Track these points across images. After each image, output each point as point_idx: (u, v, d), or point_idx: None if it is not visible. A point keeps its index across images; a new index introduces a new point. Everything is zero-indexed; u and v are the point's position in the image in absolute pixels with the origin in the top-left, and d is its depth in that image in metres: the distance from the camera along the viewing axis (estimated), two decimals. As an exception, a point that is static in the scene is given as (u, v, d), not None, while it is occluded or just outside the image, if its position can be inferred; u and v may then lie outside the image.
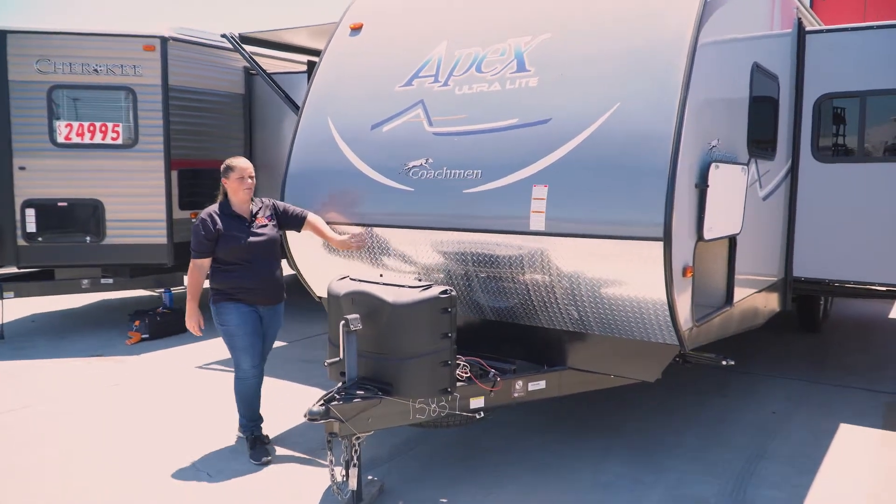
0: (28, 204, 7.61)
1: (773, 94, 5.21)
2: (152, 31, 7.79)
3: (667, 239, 3.57)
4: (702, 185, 3.85)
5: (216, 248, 4.36)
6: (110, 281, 8.17)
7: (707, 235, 3.91)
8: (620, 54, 3.95)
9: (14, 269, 8.07)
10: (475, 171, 4.22)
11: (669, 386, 5.67)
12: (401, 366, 3.71)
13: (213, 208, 4.44)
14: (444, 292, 3.74)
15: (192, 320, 4.43)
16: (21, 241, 7.64)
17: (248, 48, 7.75)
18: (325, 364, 3.85)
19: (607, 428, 4.99)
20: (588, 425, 5.04)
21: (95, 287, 8.14)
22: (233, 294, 4.40)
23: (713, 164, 3.89)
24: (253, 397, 4.56)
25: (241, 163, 4.46)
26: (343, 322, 3.68)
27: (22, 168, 7.61)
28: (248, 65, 8.31)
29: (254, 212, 4.51)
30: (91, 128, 7.73)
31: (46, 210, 7.67)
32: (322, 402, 3.60)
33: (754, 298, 5.17)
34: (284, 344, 7.41)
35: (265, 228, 4.49)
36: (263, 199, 4.64)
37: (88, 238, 7.77)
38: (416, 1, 5.17)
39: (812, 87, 5.81)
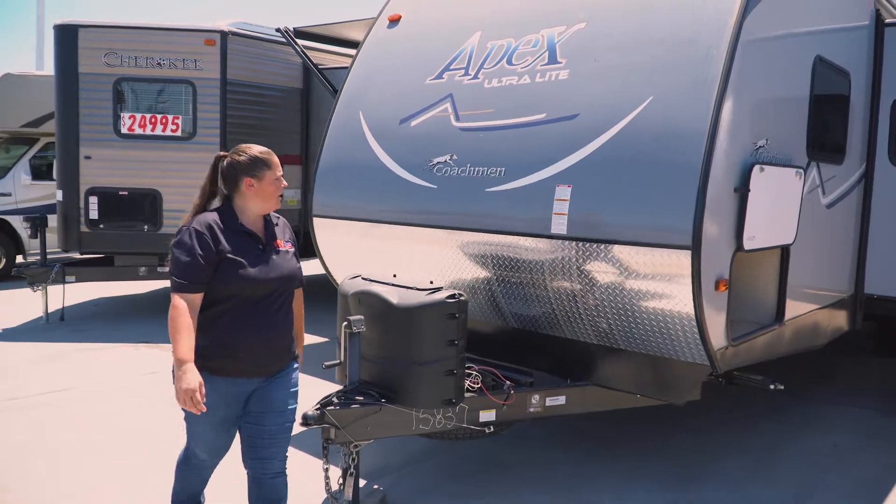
0: (91, 192, 7.86)
1: (843, 92, 4.72)
2: (213, 26, 7.91)
3: (695, 247, 3.23)
4: (742, 189, 3.47)
5: (214, 278, 2.80)
6: (166, 269, 8.32)
7: (748, 245, 3.53)
8: (656, 45, 3.62)
9: (77, 255, 8.38)
10: (498, 169, 3.98)
11: (717, 406, 5.25)
12: (403, 372, 3.51)
13: (213, 217, 2.86)
14: (452, 296, 3.51)
15: (188, 390, 2.64)
16: (84, 228, 7.90)
17: (304, 43, 7.74)
18: (324, 366, 3.69)
19: (640, 450, 4.63)
20: (620, 445, 4.70)
21: (152, 275, 8.34)
22: (210, 358, 2.80)
23: (756, 167, 3.50)
24: (198, 484, 3.22)
25: (274, 157, 2.96)
26: (345, 323, 3.53)
27: (87, 157, 7.88)
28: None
29: (272, 229, 3.01)
30: (153, 119, 7.91)
31: (108, 198, 7.90)
32: (318, 405, 3.44)
33: (814, 316, 4.69)
34: (323, 340, 7.37)
35: (287, 257, 2.99)
36: (280, 217, 3.15)
37: (146, 227, 7.96)
38: (455, -10, 4.97)
39: (891, 85, 5.25)
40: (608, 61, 3.77)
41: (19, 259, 10.70)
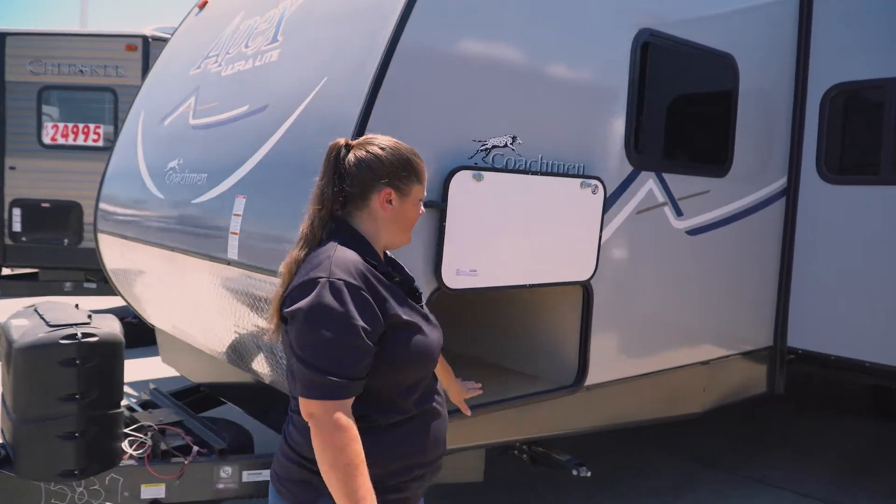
0: (15, 203, 7.61)
1: (719, 85, 3.57)
2: (135, 31, 7.52)
3: (326, 285, 2.29)
4: (438, 205, 2.49)
5: (380, 364, 1.67)
6: (94, 285, 7.97)
7: (453, 283, 2.54)
8: (350, 15, 2.72)
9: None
10: (203, 175, 3.16)
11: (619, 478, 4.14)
12: (14, 431, 2.76)
13: (355, 257, 1.69)
14: (72, 336, 2.72)
15: None
16: (8, 241, 7.65)
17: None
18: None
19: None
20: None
21: (78, 290, 7.96)
22: (401, 483, 1.74)
23: (463, 173, 2.51)
24: None
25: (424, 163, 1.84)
26: (-42, 364, 2.84)
27: (12, 168, 7.64)
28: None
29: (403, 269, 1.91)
30: (74, 129, 7.59)
31: (31, 210, 7.62)
32: None
33: (669, 376, 3.55)
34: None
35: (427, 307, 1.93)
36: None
37: (66, 240, 7.62)
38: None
39: (822, 75, 4.03)
40: (309, 37, 2.89)
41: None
